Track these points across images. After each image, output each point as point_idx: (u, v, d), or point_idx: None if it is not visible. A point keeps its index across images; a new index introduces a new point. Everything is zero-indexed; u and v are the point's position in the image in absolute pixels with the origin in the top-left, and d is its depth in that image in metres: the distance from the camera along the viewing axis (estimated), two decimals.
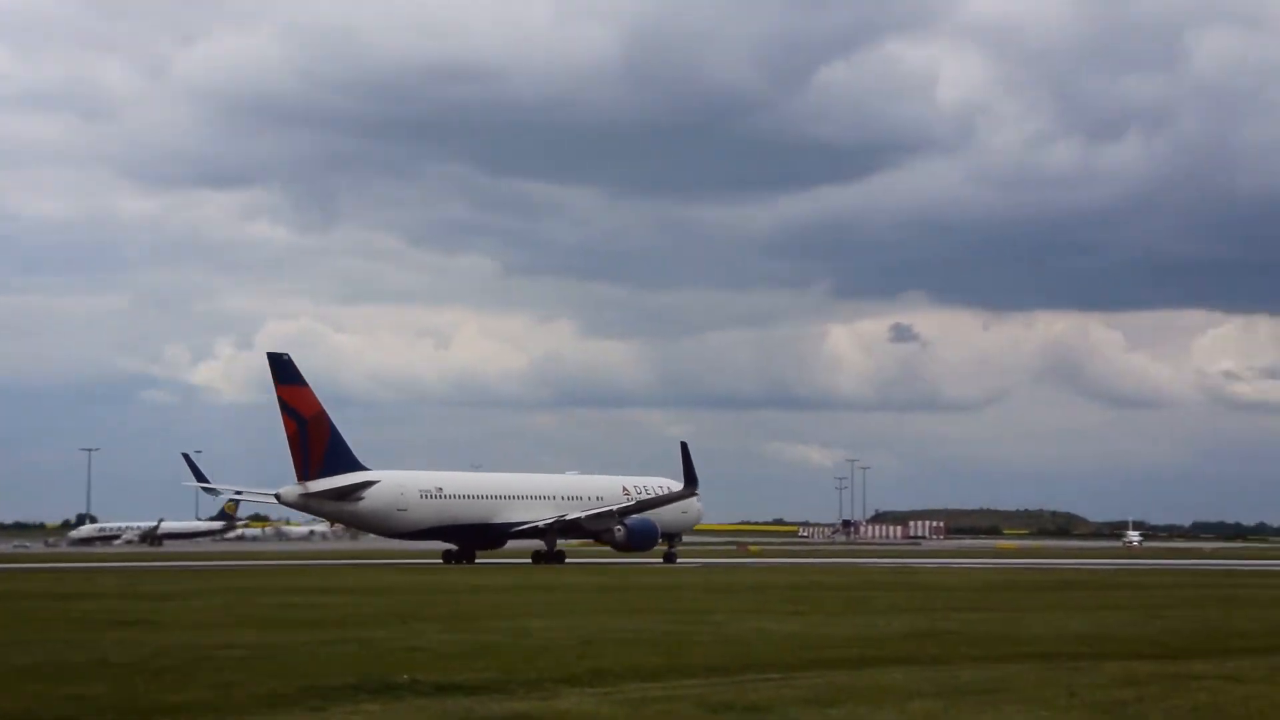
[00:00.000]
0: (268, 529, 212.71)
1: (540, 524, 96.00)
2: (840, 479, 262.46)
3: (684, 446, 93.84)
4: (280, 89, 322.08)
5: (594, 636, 37.17)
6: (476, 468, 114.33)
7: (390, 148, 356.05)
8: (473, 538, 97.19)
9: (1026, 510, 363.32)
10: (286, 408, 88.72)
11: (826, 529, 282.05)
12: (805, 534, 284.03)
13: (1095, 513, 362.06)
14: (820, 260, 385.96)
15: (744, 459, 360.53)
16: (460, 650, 33.46)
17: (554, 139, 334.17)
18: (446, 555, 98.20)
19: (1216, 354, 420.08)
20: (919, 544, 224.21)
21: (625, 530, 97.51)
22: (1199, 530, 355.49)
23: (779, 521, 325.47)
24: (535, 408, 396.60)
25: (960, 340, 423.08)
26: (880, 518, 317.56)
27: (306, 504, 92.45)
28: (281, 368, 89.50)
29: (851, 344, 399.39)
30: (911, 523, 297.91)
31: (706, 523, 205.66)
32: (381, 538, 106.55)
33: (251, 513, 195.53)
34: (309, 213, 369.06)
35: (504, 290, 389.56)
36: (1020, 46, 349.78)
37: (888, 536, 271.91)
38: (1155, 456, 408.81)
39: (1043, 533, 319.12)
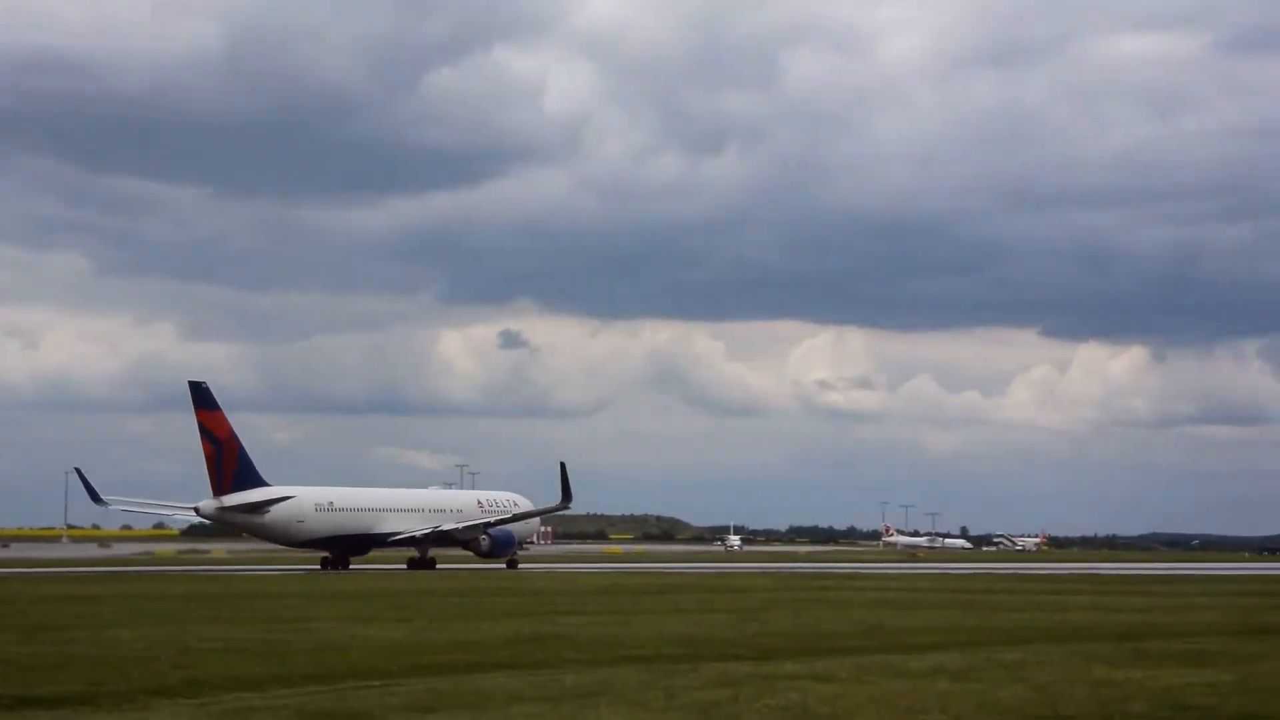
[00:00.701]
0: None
1: (417, 534, 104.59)
2: (449, 485, 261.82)
3: (563, 466, 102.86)
4: None
5: (192, 645, 36.00)
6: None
7: None
8: (358, 547, 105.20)
9: (632, 515, 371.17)
10: (204, 430, 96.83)
11: None
12: None
13: (698, 517, 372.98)
14: (430, 265, 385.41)
15: (353, 464, 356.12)
16: (42, 662, 31.84)
17: (153, 135, 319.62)
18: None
19: (811, 364, 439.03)
20: (527, 548, 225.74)
21: (490, 540, 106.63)
22: (795, 534, 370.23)
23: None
24: (132, 412, 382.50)
25: (569, 347, 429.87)
26: None
27: (221, 516, 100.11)
28: (200, 394, 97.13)
29: (462, 349, 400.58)
30: None
31: None
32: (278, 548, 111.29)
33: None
34: None
35: (98, 290, 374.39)
36: (626, 59, 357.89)
37: None
38: (754, 463, 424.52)
39: (647, 537, 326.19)
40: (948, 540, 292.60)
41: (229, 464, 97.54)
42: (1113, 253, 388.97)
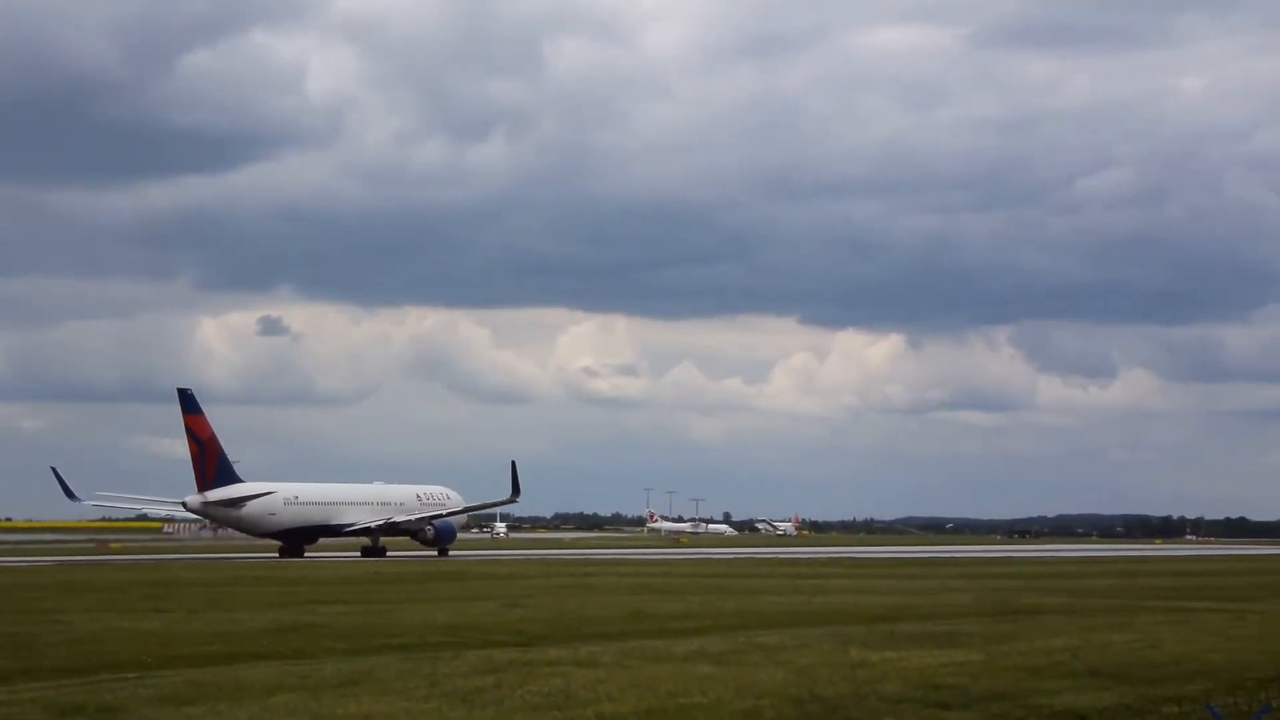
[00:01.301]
0: None
1: (371, 525, 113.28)
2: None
3: (513, 464, 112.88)
4: None
5: None
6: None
7: None
8: (320, 537, 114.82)
9: None
10: (190, 432, 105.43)
11: (194, 524, 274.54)
12: (171, 530, 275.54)
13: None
14: (187, 251, 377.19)
15: (106, 453, 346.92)
16: None
17: None
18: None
19: (577, 351, 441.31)
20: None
21: (434, 530, 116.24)
22: (560, 520, 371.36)
23: (143, 518, 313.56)
24: None
25: (332, 334, 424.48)
26: None
27: (205, 510, 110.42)
28: (186, 400, 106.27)
29: (221, 336, 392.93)
30: None
31: (66, 519, 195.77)
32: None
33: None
34: None
35: None
36: (389, 44, 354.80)
37: None
38: (520, 450, 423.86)
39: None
40: (711, 525, 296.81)
41: (211, 463, 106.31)
42: (870, 242, 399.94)
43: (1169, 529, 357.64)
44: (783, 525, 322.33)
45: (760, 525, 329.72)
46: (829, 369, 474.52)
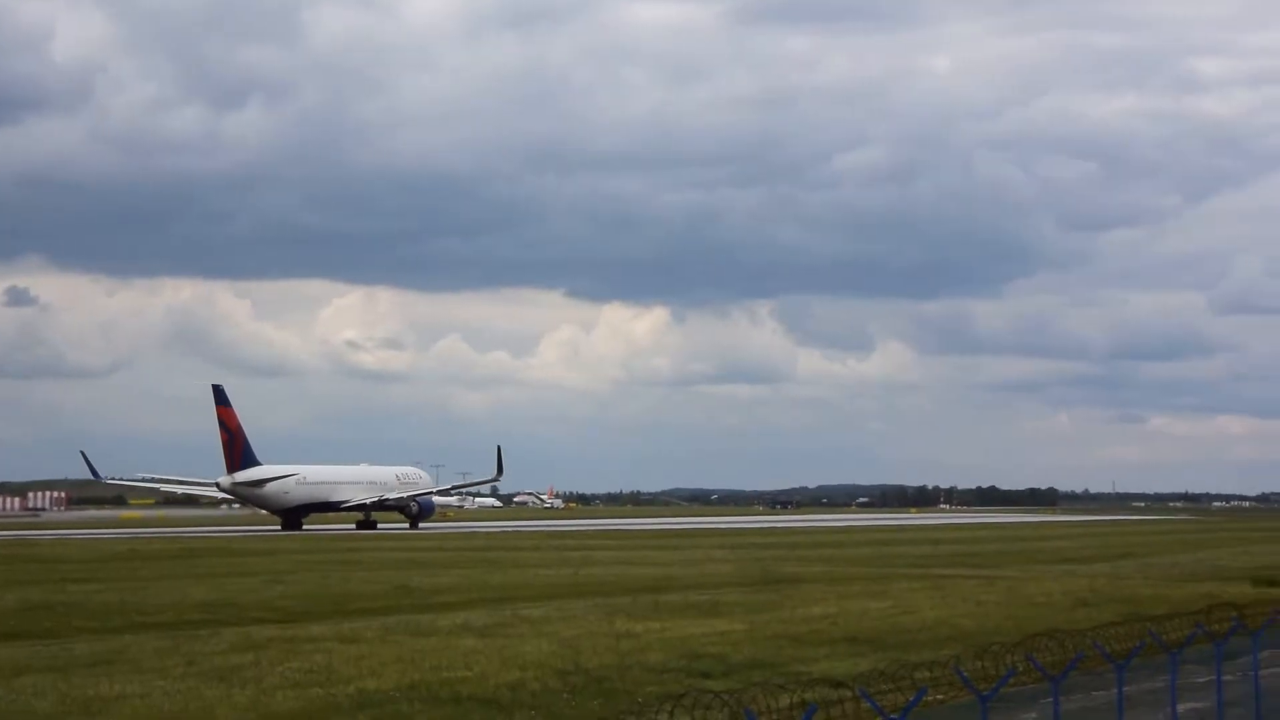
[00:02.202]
0: None
1: (367, 501, 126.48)
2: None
3: (499, 449, 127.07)
4: None
5: None
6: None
7: None
8: (320, 512, 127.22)
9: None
10: (221, 423, 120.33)
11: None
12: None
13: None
14: None
15: None
16: None
17: None
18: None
19: (340, 324, 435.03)
20: (39, 515, 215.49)
21: (418, 505, 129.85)
22: None
23: None
24: None
25: (83, 306, 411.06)
26: None
27: (234, 490, 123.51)
28: (218, 394, 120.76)
29: None
30: (32, 494, 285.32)
31: None
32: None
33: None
34: None
35: None
36: (141, 8, 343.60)
37: (6, 508, 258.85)
38: (283, 423, 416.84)
39: (170, 502, 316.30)
40: (478, 499, 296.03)
41: (238, 449, 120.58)
42: (634, 216, 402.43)
43: (924, 498, 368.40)
44: (549, 499, 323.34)
45: (525, 498, 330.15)
46: (595, 342, 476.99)
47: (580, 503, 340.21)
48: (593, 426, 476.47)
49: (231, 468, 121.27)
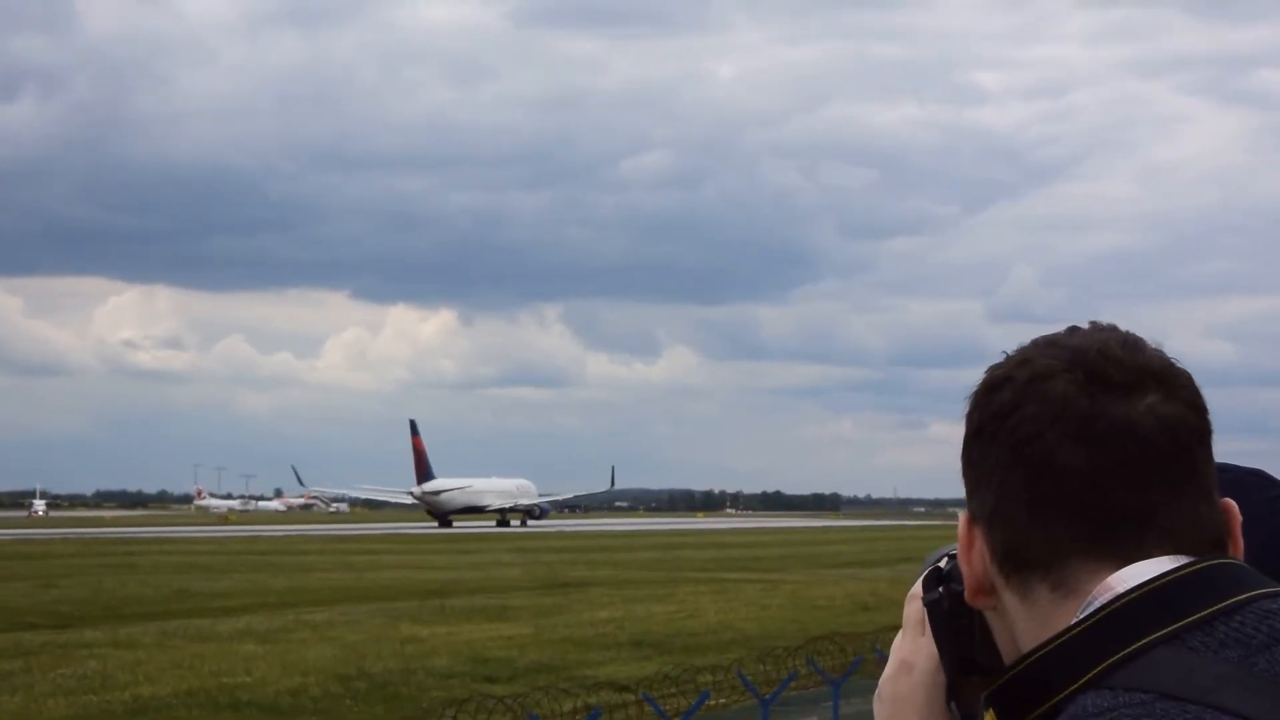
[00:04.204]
0: None
1: (505, 506, 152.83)
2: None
3: (612, 468, 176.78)
4: None
5: None
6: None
7: None
8: (463, 514, 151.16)
9: None
10: (414, 448, 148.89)
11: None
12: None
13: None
14: None
15: None
16: None
17: None
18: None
19: (117, 322, 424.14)
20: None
21: (540, 510, 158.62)
22: (102, 499, 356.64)
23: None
24: None
25: None
26: None
27: (422, 498, 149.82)
28: (413, 425, 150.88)
29: None
30: None
31: None
32: None
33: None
34: None
35: None
36: None
37: None
38: (57, 424, 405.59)
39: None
40: (262, 503, 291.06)
41: (422, 466, 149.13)
42: (421, 217, 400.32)
43: (711, 503, 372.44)
44: (336, 504, 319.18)
45: (312, 502, 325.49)
46: (382, 344, 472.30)
47: (368, 507, 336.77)
48: (380, 429, 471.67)
49: (420, 480, 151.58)
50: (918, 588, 1.71)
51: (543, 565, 61.83)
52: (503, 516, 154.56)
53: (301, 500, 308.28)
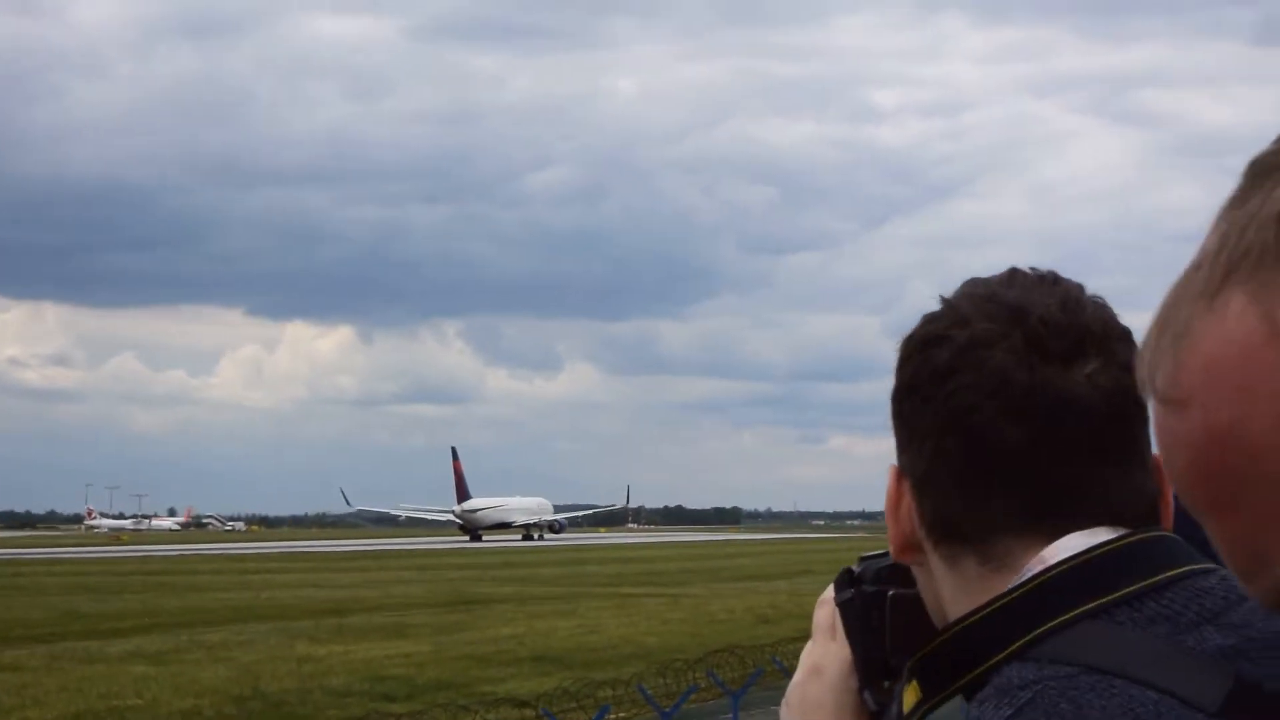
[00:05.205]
0: None
1: (529, 522, 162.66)
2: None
3: (628, 489, 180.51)
4: None
5: None
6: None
7: None
8: (494, 530, 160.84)
9: None
10: (455, 471, 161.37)
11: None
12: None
13: None
14: None
15: None
16: None
17: None
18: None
19: (2, 341, 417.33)
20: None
21: (560, 525, 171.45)
22: None
23: None
24: None
25: None
26: None
27: (461, 516, 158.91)
28: (454, 452, 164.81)
29: None
30: None
31: None
32: None
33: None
34: None
35: None
36: None
37: None
38: None
39: None
40: (154, 522, 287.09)
41: (461, 486, 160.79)
42: (318, 232, 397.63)
43: (613, 518, 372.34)
44: (232, 523, 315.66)
45: (209, 521, 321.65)
46: (278, 361, 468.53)
47: (264, 525, 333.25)
48: (276, 446, 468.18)
49: (460, 499, 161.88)
50: (828, 592, 1.68)
51: (446, 583, 61.34)
52: (527, 531, 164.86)
53: (190, 519, 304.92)
